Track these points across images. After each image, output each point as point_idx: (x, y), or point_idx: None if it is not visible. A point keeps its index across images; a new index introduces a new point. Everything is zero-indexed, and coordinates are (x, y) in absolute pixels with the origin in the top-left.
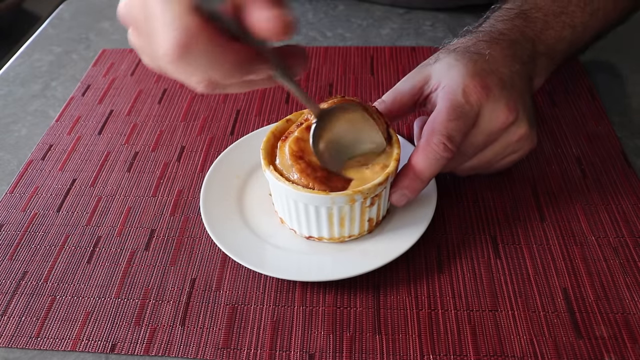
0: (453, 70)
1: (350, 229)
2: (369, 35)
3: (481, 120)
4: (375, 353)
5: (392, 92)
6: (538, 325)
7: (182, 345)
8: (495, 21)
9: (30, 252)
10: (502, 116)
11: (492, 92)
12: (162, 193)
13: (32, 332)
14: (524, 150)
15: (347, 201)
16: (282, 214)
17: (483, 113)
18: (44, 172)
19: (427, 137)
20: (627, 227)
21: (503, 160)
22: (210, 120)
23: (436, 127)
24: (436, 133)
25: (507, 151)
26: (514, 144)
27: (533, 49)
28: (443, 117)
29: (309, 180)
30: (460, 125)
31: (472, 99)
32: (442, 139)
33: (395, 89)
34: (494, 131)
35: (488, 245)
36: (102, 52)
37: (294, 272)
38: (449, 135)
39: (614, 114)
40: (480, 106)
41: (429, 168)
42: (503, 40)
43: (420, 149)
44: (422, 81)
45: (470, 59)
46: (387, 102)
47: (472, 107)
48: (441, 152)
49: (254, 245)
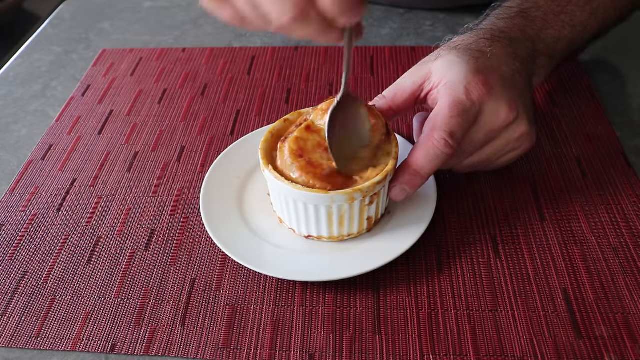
0: (455, 67)
1: (350, 228)
2: (369, 35)
3: (482, 118)
4: (375, 353)
5: (393, 88)
6: (538, 325)
7: (182, 345)
8: (496, 19)
9: (30, 252)
10: (503, 114)
11: (494, 89)
12: (162, 193)
13: (32, 332)
14: (523, 149)
15: (347, 200)
16: (281, 214)
17: (484, 110)
18: (44, 172)
19: (428, 133)
20: (627, 227)
21: (502, 158)
22: (210, 120)
23: (438, 123)
24: (437, 129)
25: (507, 149)
26: (514, 142)
27: (533, 48)
28: (445, 113)
29: (309, 178)
30: (462, 122)
31: (474, 96)
32: (443, 135)
33: (396, 85)
34: (494, 129)
35: (488, 245)
36: (102, 52)
37: (294, 272)
38: (450, 131)
39: (614, 114)
40: (481, 103)
41: (429, 164)
42: (504, 38)
43: (421, 144)
44: (423, 78)
45: (472, 56)
46: (387, 98)
47: (473, 104)
48: (442, 148)
49: (254, 245)
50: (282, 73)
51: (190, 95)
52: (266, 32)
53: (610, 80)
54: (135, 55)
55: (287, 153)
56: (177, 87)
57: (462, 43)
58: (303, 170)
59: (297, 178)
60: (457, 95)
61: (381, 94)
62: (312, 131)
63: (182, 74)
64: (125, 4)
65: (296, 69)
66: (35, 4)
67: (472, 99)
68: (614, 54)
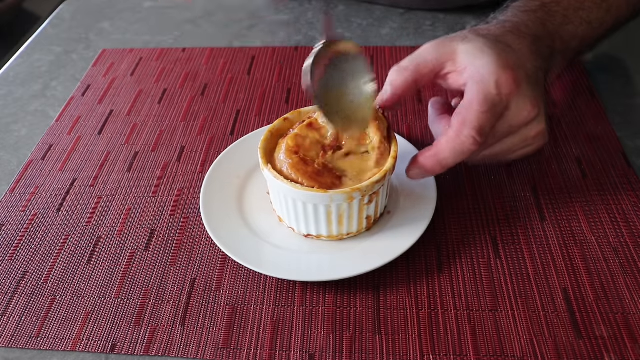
0: (484, 58)
1: (349, 227)
2: (369, 35)
3: (507, 114)
4: (375, 353)
5: (415, 59)
6: (538, 325)
7: (182, 345)
8: (519, 11)
9: (30, 252)
10: (526, 111)
11: (521, 86)
12: (162, 193)
13: (32, 332)
14: (536, 146)
15: (346, 199)
16: (281, 212)
17: (510, 106)
18: (44, 172)
19: (457, 127)
20: (627, 227)
21: (516, 153)
22: (210, 120)
23: (468, 117)
24: (467, 125)
25: (522, 145)
26: (530, 139)
27: (552, 45)
28: (475, 108)
29: (298, 176)
30: (491, 117)
31: (504, 91)
32: (472, 132)
33: (419, 56)
34: (516, 125)
35: (488, 245)
36: (102, 52)
37: (294, 272)
38: (480, 127)
39: (614, 114)
40: (509, 100)
41: (454, 158)
42: (529, 35)
43: (450, 139)
44: (447, 56)
45: (503, 50)
46: (410, 69)
47: (502, 100)
48: (470, 145)
49: (253, 245)
50: (282, 73)
51: (190, 95)
52: (266, 32)
53: (610, 80)
54: (135, 55)
55: (284, 149)
56: (177, 87)
57: (489, 33)
58: (294, 168)
59: (287, 175)
60: (488, 90)
61: (399, 64)
62: (314, 128)
63: (182, 74)
64: (125, 4)
65: (296, 69)
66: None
67: (501, 94)
68: (614, 54)
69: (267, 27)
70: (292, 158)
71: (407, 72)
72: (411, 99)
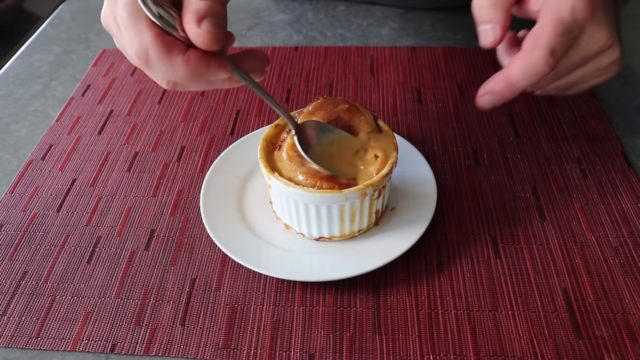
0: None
1: (360, 223)
2: (369, 35)
3: (581, 40)
4: (375, 353)
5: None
6: (538, 325)
7: (182, 345)
8: None
9: (30, 252)
10: (602, 39)
11: (597, 13)
12: (162, 193)
13: (32, 332)
14: (608, 75)
15: (359, 196)
16: (289, 220)
17: (585, 33)
18: (44, 172)
19: (529, 49)
20: (627, 227)
21: (587, 83)
22: (210, 120)
23: (541, 39)
24: (540, 46)
25: (595, 74)
26: (603, 68)
27: None
28: (549, 30)
29: (316, 180)
30: (565, 41)
31: (579, 16)
32: (544, 53)
33: None
34: (590, 53)
35: (488, 245)
36: (102, 52)
37: (293, 272)
38: (552, 49)
39: (614, 114)
40: (584, 25)
41: (525, 80)
42: None
43: (521, 59)
44: None
45: None
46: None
47: (577, 25)
48: (542, 65)
49: (253, 245)
50: (282, 73)
51: (190, 95)
52: (266, 32)
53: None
54: None
55: (287, 160)
56: None
57: None
58: (308, 174)
59: (302, 181)
60: (563, 13)
61: (479, 2)
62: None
63: None
64: None
65: (296, 69)
66: (35, 4)
67: (576, 19)
68: None
69: (267, 27)
70: (302, 167)
71: (500, 2)
72: (411, 99)
